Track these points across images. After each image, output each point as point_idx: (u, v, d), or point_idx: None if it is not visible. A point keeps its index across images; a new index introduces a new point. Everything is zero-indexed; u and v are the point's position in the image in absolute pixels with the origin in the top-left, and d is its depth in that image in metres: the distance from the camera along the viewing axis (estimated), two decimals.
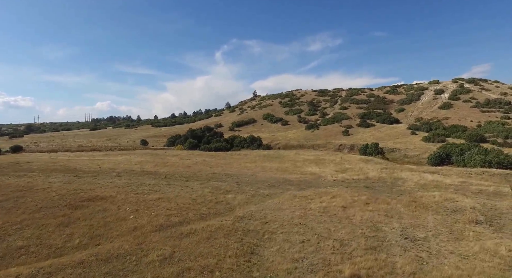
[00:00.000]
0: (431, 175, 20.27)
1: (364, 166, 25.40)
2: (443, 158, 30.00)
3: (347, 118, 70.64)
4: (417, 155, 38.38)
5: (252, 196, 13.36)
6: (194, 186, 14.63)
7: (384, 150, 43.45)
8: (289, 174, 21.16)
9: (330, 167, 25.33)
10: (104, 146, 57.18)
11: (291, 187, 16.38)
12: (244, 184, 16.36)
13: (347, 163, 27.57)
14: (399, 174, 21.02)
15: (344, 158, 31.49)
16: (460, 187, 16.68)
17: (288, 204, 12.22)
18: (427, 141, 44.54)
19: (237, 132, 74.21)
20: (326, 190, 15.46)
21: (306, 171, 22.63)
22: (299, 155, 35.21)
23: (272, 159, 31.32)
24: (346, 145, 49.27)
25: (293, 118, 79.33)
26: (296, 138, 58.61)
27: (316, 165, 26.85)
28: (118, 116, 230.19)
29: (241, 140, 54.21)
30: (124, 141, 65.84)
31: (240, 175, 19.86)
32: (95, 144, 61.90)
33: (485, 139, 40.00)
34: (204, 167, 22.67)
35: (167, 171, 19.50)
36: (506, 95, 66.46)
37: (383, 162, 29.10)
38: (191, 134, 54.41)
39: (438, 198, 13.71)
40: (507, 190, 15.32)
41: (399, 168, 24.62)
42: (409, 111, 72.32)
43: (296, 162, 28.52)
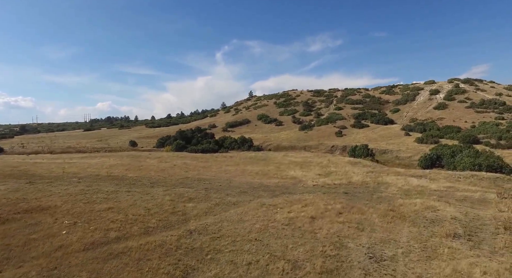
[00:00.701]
0: (417, 179, 19.27)
1: (350, 169, 24.39)
2: (433, 160, 29.05)
3: (341, 119, 69.75)
4: (409, 157, 37.45)
5: (216, 205, 12.31)
6: (156, 193, 13.57)
7: (376, 152, 42.53)
8: (268, 179, 20.12)
9: (314, 170, 24.30)
10: (92, 147, 56.12)
11: (265, 193, 15.34)
12: (214, 190, 15.32)
13: (333, 166, 26.55)
14: (384, 178, 20.02)
15: (331, 160, 30.48)
16: (445, 193, 15.67)
17: (252, 214, 11.18)
18: (420, 142, 43.66)
19: (230, 133, 73.19)
20: (301, 197, 14.43)
21: (287, 175, 21.60)
22: (287, 157, 34.18)
23: (257, 161, 30.28)
24: (338, 146, 48.34)
25: (287, 119, 78.39)
26: (288, 139, 57.64)
27: (300, 168, 25.83)
28: (116, 116, 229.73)
29: (232, 141, 53.18)
30: (114, 142, 64.68)
31: (214, 179, 18.81)
32: (84, 145, 60.77)
33: (478, 140, 39.13)
34: (180, 171, 21.60)
35: (137, 175, 18.43)
36: (501, 96, 65.72)
37: (371, 165, 28.09)
38: (181, 136, 53.33)
39: (419, 206, 12.70)
40: (493, 196, 14.32)
41: (386, 171, 23.61)
42: (404, 111, 71.50)
43: (280, 165, 27.48)
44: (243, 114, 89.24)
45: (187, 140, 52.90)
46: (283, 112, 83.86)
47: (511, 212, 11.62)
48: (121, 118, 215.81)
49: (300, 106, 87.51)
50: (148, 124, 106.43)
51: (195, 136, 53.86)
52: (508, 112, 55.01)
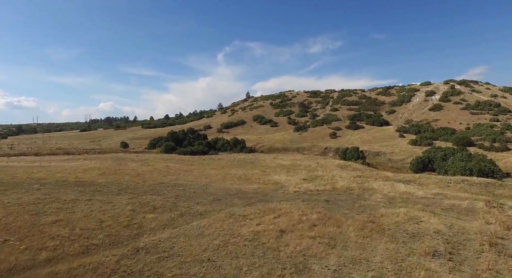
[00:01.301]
0: (404, 185, 18.34)
1: (338, 173, 23.46)
2: (425, 163, 28.17)
3: (336, 120, 68.92)
4: (402, 159, 36.58)
5: (180, 215, 11.34)
6: (119, 202, 12.58)
7: (369, 154, 41.67)
8: (249, 184, 19.15)
9: (300, 174, 23.36)
10: (82, 148, 55.11)
11: (240, 201, 14.37)
12: (185, 197, 14.34)
13: (321, 170, 25.62)
14: (371, 183, 19.08)
15: (321, 163, 29.54)
16: (432, 201, 14.74)
17: (216, 227, 10.20)
18: (413, 144, 42.82)
19: (225, 134, 72.23)
20: (277, 205, 13.47)
21: (271, 180, 20.64)
22: (276, 160, 33.23)
23: (244, 164, 29.33)
24: (331, 148, 47.46)
25: (282, 119, 77.50)
26: (282, 140, 56.73)
27: (287, 171, 24.89)
28: (116, 117, 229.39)
29: (224, 142, 52.26)
30: (106, 143, 63.61)
31: (191, 185, 17.83)
32: (76, 146, 59.73)
33: (472, 142, 38.31)
34: (158, 175, 20.61)
35: (109, 180, 17.42)
36: (496, 98, 65.03)
37: (361, 168, 27.18)
38: (172, 137, 52.34)
39: (401, 217, 11.76)
40: (481, 205, 13.40)
41: (375, 175, 22.68)
42: (400, 113, 70.72)
43: (267, 168, 26.53)
44: (239, 115, 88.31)
45: (178, 141, 51.90)
46: (279, 113, 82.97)
47: (498, 225, 10.69)
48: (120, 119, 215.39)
49: (296, 107, 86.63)
50: (144, 125, 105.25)
51: (187, 138, 52.84)
52: (502, 114, 54.28)
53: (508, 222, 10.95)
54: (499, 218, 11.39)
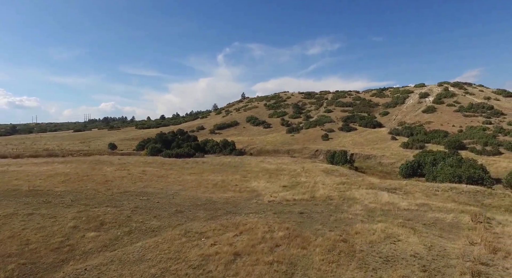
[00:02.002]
0: (388, 194, 17.15)
1: (321, 180, 22.25)
2: (414, 168, 27.07)
3: (330, 122, 67.84)
4: (392, 163, 35.49)
5: (128, 233, 10.05)
6: (65, 216, 11.26)
7: (360, 157, 40.57)
8: (223, 192, 17.88)
9: (282, 180, 22.13)
10: (69, 149, 53.53)
11: (204, 213, 13.10)
12: (144, 209, 13.05)
13: (305, 175, 24.41)
14: (353, 192, 17.87)
15: (306, 167, 28.33)
16: (414, 214, 13.56)
17: (162, 249, 8.92)
18: (405, 147, 41.79)
19: (217, 135, 70.92)
20: (243, 219, 12.21)
21: (248, 187, 19.38)
22: (262, 163, 31.99)
23: (227, 169, 28.05)
24: (322, 150, 46.31)
25: (276, 121, 76.30)
26: (273, 142, 55.50)
27: (269, 177, 23.66)
28: (114, 117, 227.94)
29: (214, 144, 50.95)
30: (96, 144, 61.81)
31: (158, 193, 16.53)
32: (64, 147, 58.05)
33: (464, 145, 37.33)
34: (127, 182, 19.28)
35: (69, 189, 16.07)
36: (490, 100, 64.29)
37: (348, 173, 26.00)
38: (160, 139, 50.93)
39: (378, 236, 10.55)
40: (467, 219, 12.22)
41: (360, 182, 21.49)
42: (393, 114, 69.78)
43: (249, 173, 25.29)
44: (233, 116, 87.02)
45: (167, 143, 50.48)
46: (272, 114, 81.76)
47: (483, 246, 9.50)
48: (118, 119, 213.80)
49: (290, 108, 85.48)
50: (138, 126, 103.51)
51: (175, 140, 51.43)
52: (495, 116, 53.46)
53: (494, 242, 9.77)
54: (485, 237, 10.21)
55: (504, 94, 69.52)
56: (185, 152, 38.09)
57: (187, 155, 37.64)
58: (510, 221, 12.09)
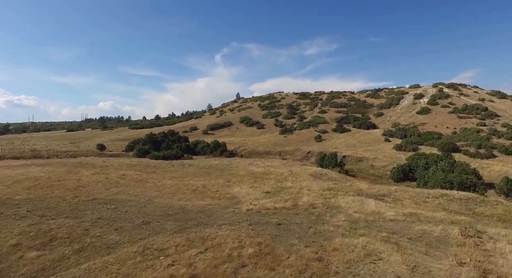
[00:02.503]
0: (375, 203, 16.19)
1: (308, 185, 21.27)
2: (406, 172, 26.21)
3: (324, 123, 66.99)
4: (384, 166, 34.63)
5: (78, 251, 8.97)
6: (11, 230, 10.18)
7: (352, 159, 39.70)
8: (200, 199, 16.84)
9: (266, 185, 21.11)
10: (55, 150, 52.10)
11: (173, 225, 12.05)
12: (106, 221, 11.97)
13: (292, 179, 23.42)
14: (339, 199, 16.89)
15: (294, 171, 27.36)
16: (401, 226, 12.60)
17: (110, 271, 7.86)
18: (398, 149, 40.98)
19: (210, 136, 69.80)
20: (213, 232, 11.18)
21: (228, 193, 18.35)
22: (250, 166, 30.97)
23: (212, 172, 26.99)
24: (314, 152, 45.36)
25: (269, 121, 75.34)
26: (266, 143, 54.51)
27: (254, 182, 22.65)
28: (111, 116, 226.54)
29: (204, 145, 49.88)
30: (85, 145, 60.23)
31: (130, 201, 15.43)
32: (52, 147, 56.53)
33: (457, 148, 36.58)
34: (100, 188, 18.16)
35: (31, 196, 14.92)
36: (484, 101, 63.80)
37: (336, 178, 25.04)
38: (150, 139, 49.76)
39: (358, 253, 9.55)
40: (456, 233, 11.27)
41: (348, 187, 20.54)
42: (388, 116, 69.11)
43: (234, 177, 24.26)
44: (227, 116, 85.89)
45: (156, 144, 49.29)
46: (266, 115, 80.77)
47: (472, 267, 8.54)
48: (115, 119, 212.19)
49: (284, 109, 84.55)
50: (132, 126, 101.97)
51: (165, 140, 50.25)
52: (489, 118, 52.89)
53: (485, 262, 8.81)
54: (474, 255, 9.25)
55: (498, 96, 69.10)
56: (173, 153, 36.96)
57: (174, 157, 36.51)
58: (502, 235, 11.16)
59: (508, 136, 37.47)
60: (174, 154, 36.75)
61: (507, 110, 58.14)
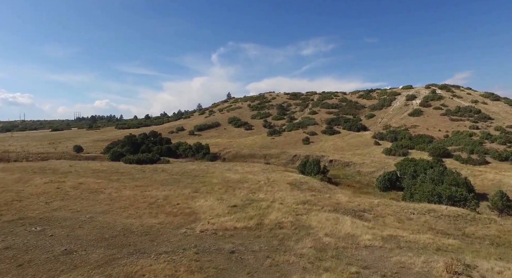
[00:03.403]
0: (352, 221, 14.17)
1: (282, 196, 19.21)
2: (392, 181, 24.32)
3: (313, 124, 65.11)
4: (371, 172, 32.75)
5: None
6: None
7: (338, 164, 37.78)
8: (153, 216, 14.67)
9: (236, 197, 19.01)
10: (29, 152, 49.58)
11: (102, 253, 9.87)
12: (14, 252, 9.75)
13: (267, 189, 21.34)
14: (311, 217, 14.85)
15: (273, 178, 25.28)
16: (376, 256, 10.56)
17: None
18: (388, 153, 39.16)
19: (196, 137, 67.51)
20: (145, 265, 8.99)
21: (188, 208, 16.22)
22: (228, 172, 28.84)
23: (183, 179, 24.81)
24: (300, 155, 43.39)
25: (258, 122, 73.28)
26: (252, 145, 52.40)
27: (224, 191, 20.58)
28: (103, 115, 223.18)
29: (186, 147, 47.66)
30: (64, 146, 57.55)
31: (68, 219, 13.23)
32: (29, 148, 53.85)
33: (449, 153, 34.86)
34: (41, 201, 15.90)
35: None
36: (477, 103, 62.42)
37: (317, 187, 23.00)
38: (128, 141, 47.32)
39: None
40: (440, 268, 9.24)
41: (326, 200, 18.52)
42: (379, 117, 67.47)
43: (204, 186, 22.12)
44: (215, 117, 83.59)
45: (136, 146, 46.90)
46: (255, 115, 78.68)
47: None
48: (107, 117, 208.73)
49: (274, 109, 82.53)
50: (119, 126, 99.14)
51: (145, 142, 47.88)
52: (482, 121, 51.41)
53: None
54: None
55: (491, 98, 67.84)
56: (148, 157, 34.65)
57: (149, 161, 34.20)
58: (496, 272, 9.17)
59: (501, 141, 35.85)
60: (150, 158, 34.45)
61: (500, 113, 56.79)
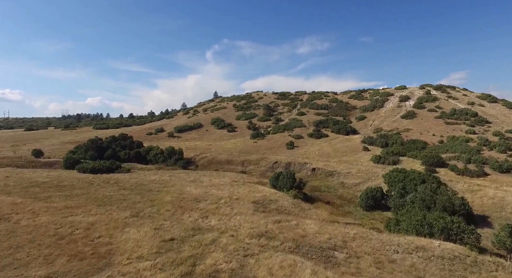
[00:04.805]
0: (313, 270, 10.40)
1: (238, 224, 15.43)
2: (377, 199, 20.69)
3: (300, 126, 61.43)
4: (356, 185, 29.11)
5: None
6: None
7: (321, 173, 34.10)
8: (49, 262, 10.86)
9: (180, 224, 15.17)
10: None
11: None
12: None
13: (223, 212, 17.48)
14: (261, 262, 11.06)
15: (238, 194, 21.43)
16: None
17: None
18: (377, 161, 35.59)
19: (175, 139, 63.44)
20: None
21: (107, 245, 12.42)
22: (191, 185, 25.00)
23: (128, 197, 20.85)
24: (281, 162, 39.65)
25: (243, 124, 69.34)
26: (231, 150, 48.46)
27: (170, 216, 16.75)
28: (89, 114, 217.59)
29: (157, 152, 43.53)
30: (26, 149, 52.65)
31: None
32: None
33: (443, 162, 31.35)
34: None
35: None
36: (474, 106, 59.22)
37: (286, 208, 19.18)
38: (93, 145, 43.07)
39: None
40: None
41: (292, 229, 14.78)
42: (370, 119, 64.02)
43: (148, 208, 18.22)
44: (198, 117, 79.44)
45: (101, 150, 42.69)
46: (240, 116, 74.75)
47: None
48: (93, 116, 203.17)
49: (261, 110, 78.68)
50: (97, 126, 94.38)
51: (111, 146, 43.68)
52: (479, 125, 48.14)
53: None
54: None
55: (489, 100, 64.75)
56: (106, 165, 30.57)
57: (107, 169, 30.13)
58: None
59: (501, 148, 32.43)
60: (107, 166, 30.38)
61: (498, 116, 53.63)
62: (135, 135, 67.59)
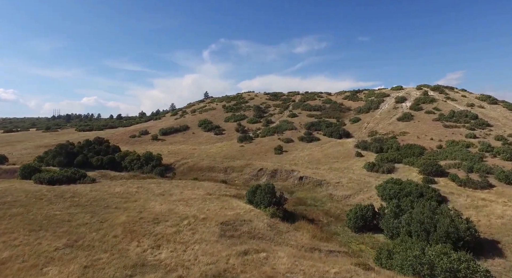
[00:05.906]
0: None
1: (197, 254, 12.32)
2: (367, 219, 17.62)
3: (291, 129, 58.34)
4: (346, 197, 26.05)
5: None
6: None
7: (309, 182, 31.01)
8: None
9: (122, 259, 12.01)
10: None
11: None
12: None
13: (181, 239, 14.30)
14: None
15: (205, 214, 18.22)
16: None
17: None
18: (370, 169, 32.61)
19: (159, 142, 60.03)
20: None
21: None
22: (157, 199, 21.80)
23: (73, 218, 17.61)
24: (267, 169, 36.55)
25: (231, 126, 66.06)
26: (215, 155, 45.19)
27: (114, 245, 13.58)
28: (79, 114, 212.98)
29: (134, 158, 40.12)
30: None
31: None
32: None
33: (443, 170, 28.40)
34: None
35: None
36: (473, 107, 56.51)
37: (260, 231, 16.02)
38: (62, 150, 39.53)
39: None
40: None
41: (258, 266, 11.64)
42: (365, 122, 61.09)
43: (92, 233, 15.06)
44: (185, 119, 75.97)
45: (71, 156, 39.15)
46: (229, 118, 71.48)
47: None
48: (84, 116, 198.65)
49: (251, 111, 75.48)
50: (80, 127, 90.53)
51: (83, 152, 40.21)
52: (480, 128, 45.40)
53: None
54: None
55: (489, 101, 62.10)
56: (66, 175, 27.25)
57: (67, 180, 26.84)
58: None
59: (505, 156, 29.50)
60: (68, 176, 27.08)
61: (500, 118, 50.94)
62: (117, 138, 64.13)
